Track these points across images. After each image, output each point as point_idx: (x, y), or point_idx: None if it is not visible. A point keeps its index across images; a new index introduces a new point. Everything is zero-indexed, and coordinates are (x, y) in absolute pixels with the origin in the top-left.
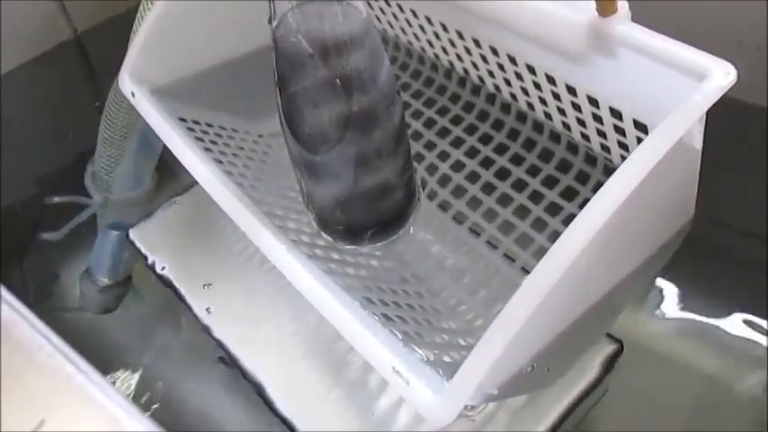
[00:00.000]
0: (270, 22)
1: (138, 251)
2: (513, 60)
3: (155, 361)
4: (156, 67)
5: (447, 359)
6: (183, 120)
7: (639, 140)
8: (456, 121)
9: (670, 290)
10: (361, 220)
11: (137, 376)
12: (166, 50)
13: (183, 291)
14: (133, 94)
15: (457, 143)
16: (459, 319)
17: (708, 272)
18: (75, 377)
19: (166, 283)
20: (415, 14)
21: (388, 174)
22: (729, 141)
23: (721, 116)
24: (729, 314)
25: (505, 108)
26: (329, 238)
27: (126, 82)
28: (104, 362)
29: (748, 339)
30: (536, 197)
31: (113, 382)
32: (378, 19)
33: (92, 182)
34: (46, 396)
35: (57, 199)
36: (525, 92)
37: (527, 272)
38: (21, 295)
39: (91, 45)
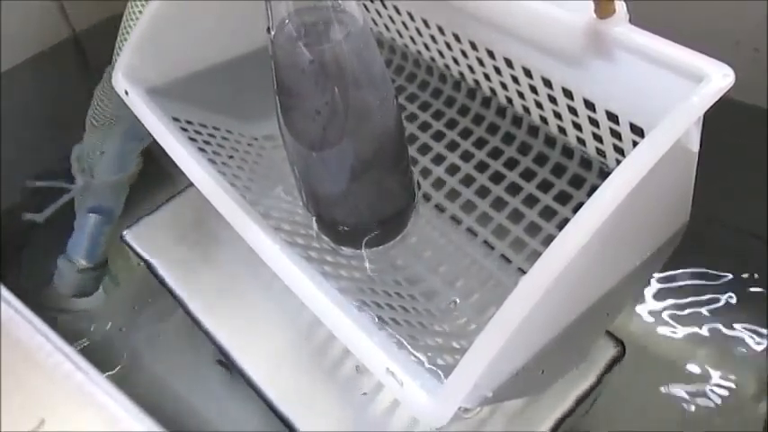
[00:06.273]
0: (268, 30)
1: (134, 252)
2: (509, 63)
3: (154, 362)
4: (150, 67)
5: (441, 362)
6: (176, 119)
7: (635, 144)
8: (451, 124)
9: (670, 290)
10: (362, 223)
11: (135, 376)
12: (161, 50)
13: (178, 292)
14: (127, 93)
15: (451, 146)
16: (453, 322)
17: (708, 272)
18: (75, 376)
19: (162, 284)
20: (411, 17)
21: (387, 177)
22: (728, 142)
23: (719, 117)
24: (729, 315)
25: (501, 112)
26: (328, 240)
27: (119, 80)
28: (102, 360)
29: (748, 340)
30: (530, 201)
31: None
32: (374, 22)
33: (77, 165)
34: (46, 395)
35: (39, 183)
36: (521, 95)
37: (522, 274)
38: (18, 293)
39: (89, 44)
